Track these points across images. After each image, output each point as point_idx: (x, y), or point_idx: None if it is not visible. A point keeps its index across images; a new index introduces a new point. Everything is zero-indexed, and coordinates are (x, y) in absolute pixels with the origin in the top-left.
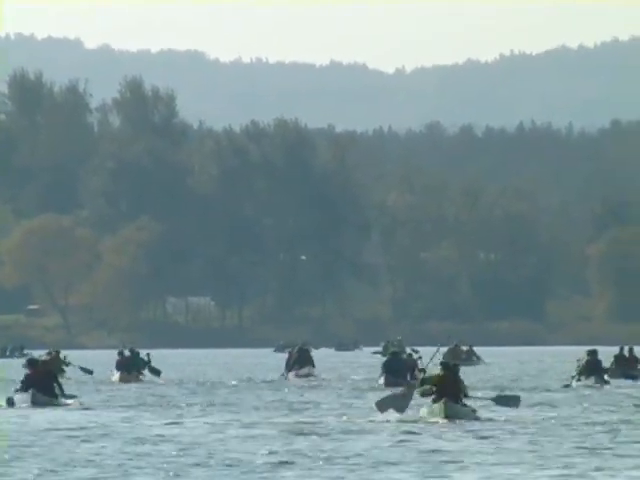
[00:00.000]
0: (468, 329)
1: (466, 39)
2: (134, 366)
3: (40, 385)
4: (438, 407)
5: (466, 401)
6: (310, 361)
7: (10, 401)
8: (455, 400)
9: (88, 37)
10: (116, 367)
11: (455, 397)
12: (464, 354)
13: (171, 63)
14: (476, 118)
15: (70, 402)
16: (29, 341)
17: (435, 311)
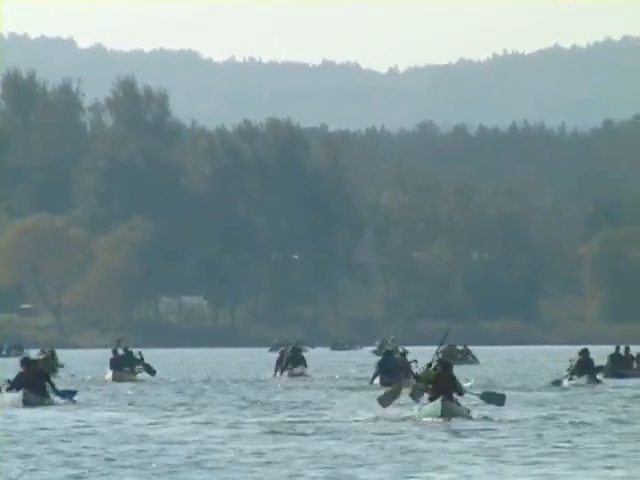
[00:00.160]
0: (461, 328)
1: (459, 39)
2: (127, 365)
3: (32, 385)
4: (434, 405)
5: (460, 400)
6: (303, 361)
7: None
8: (451, 399)
9: (81, 37)
10: (109, 365)
11: (451, 396)
12: (460, 354)
13: (164, 63)
14: (469, 118)
15: (63, 401)
16: (21, 340)
17: (428, 310)
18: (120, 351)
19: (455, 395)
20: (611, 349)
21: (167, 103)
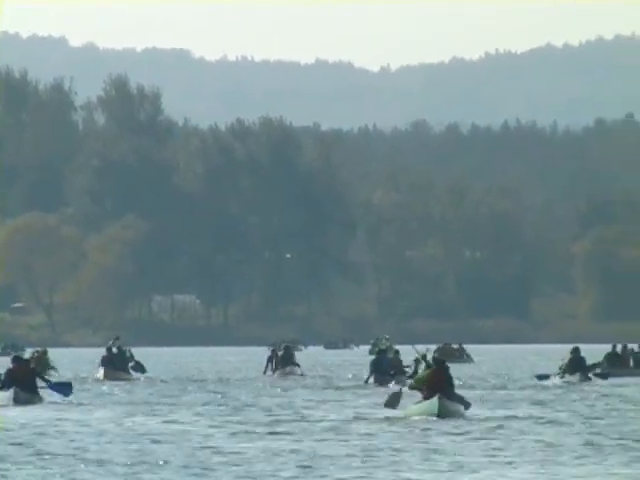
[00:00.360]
0: (453, 327)
1: (452, 38)
2: (119, 363)
3: (23, 383)
4: (431, 404)
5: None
6: (293, 360)
7: None
8: (447, 397)
9: (73, 35)
10: (101, 363)
11: (447, 394)
12: (455, 352)
13: (156, 61)
14: (462, 116)
15: (59, 396)
16: (13, 339)
17: (421, 309)
18: (114, 350)
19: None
20: (603, 348)
21: (160, 102)
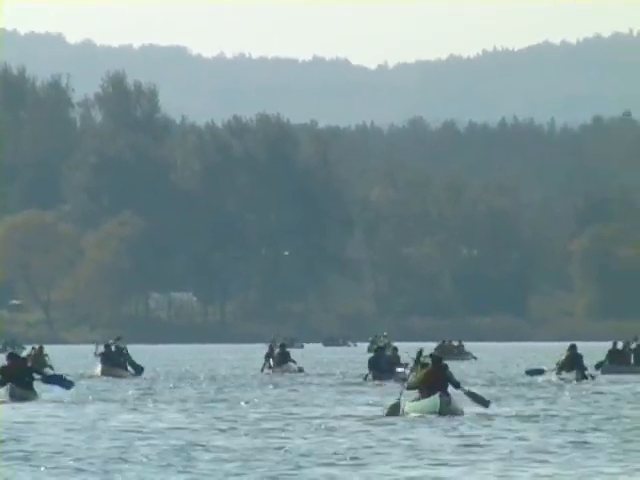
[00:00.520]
0: (450, 324)
1: (449, 35)
2: (117, 361)
3: (18, 379)
4: (432, 402)
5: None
6: (289, 357)
7: None
8: (447, 395)
9: (70, 32)
10: (100, 360)
11: (447, 392)
12: (455, 349)
13: (153, 58)
14: (459, 114)
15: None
16: (11, 337)
17: (418, 306)
18: (112, 348)
19: (450, 389)
20: (600, 345)
21: (157, 99)
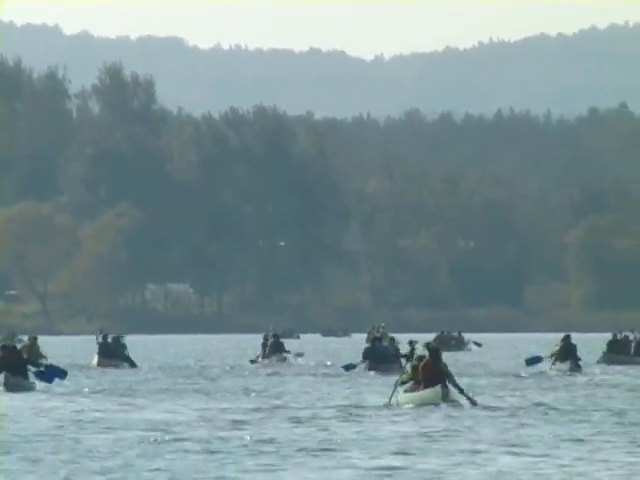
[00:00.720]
0: (447, 316)
1: (445, 27)
2: (115, 353)
3: (12, 369)
4: (434, 392)
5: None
6: (283, 347)
7: None
8: (446, 386)
9: (67, 24)
10: (97, 351)
11: (444, 383)
12: (453, 340)
13: (150, 49)
14: (455, 105)
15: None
16: (8, 327)
17: (414, 298)
18: (109, 339)
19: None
20: (595, 336)
21: (153, 90)
